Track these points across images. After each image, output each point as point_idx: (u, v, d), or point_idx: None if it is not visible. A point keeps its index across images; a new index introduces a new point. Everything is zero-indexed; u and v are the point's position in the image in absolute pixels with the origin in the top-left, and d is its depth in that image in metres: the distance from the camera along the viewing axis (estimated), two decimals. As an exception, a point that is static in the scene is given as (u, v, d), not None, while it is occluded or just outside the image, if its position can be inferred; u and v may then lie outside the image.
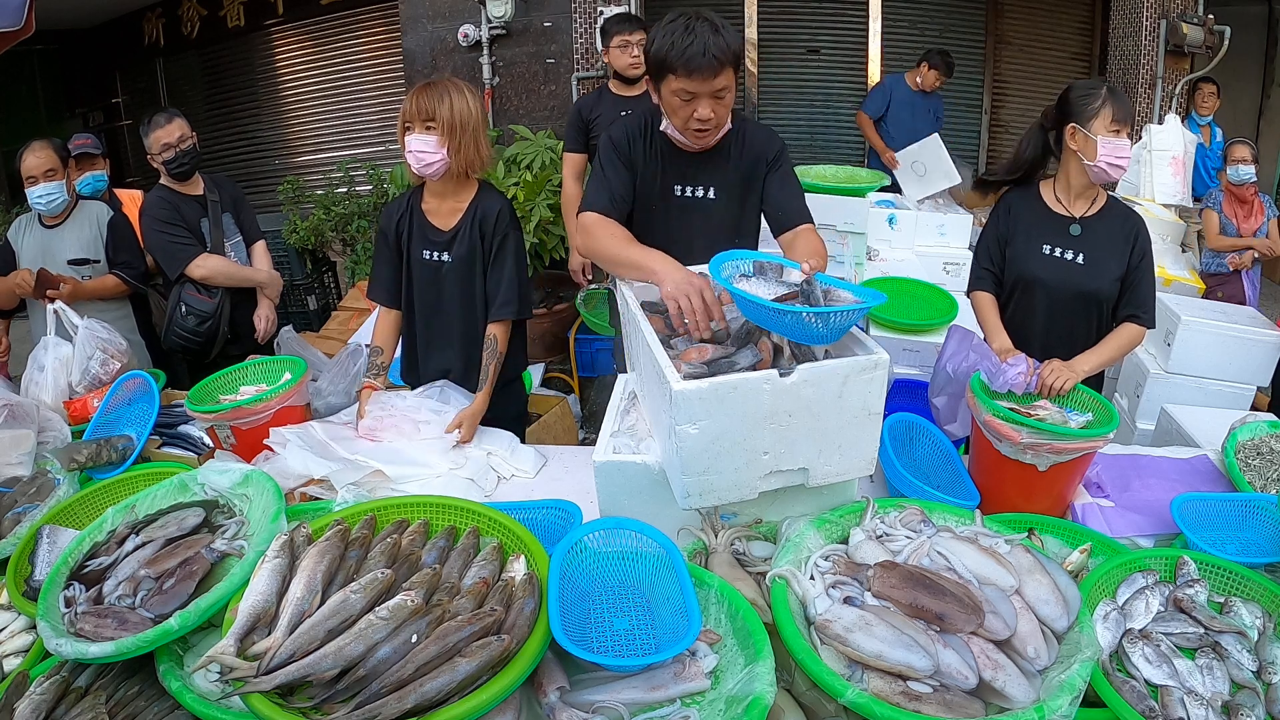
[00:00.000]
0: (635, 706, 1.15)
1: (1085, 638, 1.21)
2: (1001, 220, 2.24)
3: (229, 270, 2.99)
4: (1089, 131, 2.02)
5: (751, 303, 1.45)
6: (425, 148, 2.09)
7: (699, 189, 2.07)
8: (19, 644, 1.44)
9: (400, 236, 2.27)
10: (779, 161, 2.06)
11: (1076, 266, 2.13)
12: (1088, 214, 2.15)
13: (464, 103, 2.11)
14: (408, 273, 2.28)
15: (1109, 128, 2.00)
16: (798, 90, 6.72)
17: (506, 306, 2.23)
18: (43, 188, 2.83)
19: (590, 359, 4.47)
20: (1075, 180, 2.13)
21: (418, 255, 2.25)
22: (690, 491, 1.42)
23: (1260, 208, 4.39)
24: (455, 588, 1.26)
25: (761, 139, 2.06)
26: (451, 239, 2.22)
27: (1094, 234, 2.14)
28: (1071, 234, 2.14)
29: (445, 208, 2.23)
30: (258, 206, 3.57)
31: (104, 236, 2.98)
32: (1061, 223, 2.16)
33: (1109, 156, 2.01)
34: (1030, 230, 2.17)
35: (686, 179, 2.06)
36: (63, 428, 2.19)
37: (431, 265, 2.24)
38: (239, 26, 6.99)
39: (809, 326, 1.40)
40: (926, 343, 3.10)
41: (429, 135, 2.09)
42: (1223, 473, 1.96)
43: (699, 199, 2.07)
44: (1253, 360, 3.08)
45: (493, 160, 2.32)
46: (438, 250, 2.23)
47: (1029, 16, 6.64)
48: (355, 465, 1.90)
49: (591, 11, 5.42)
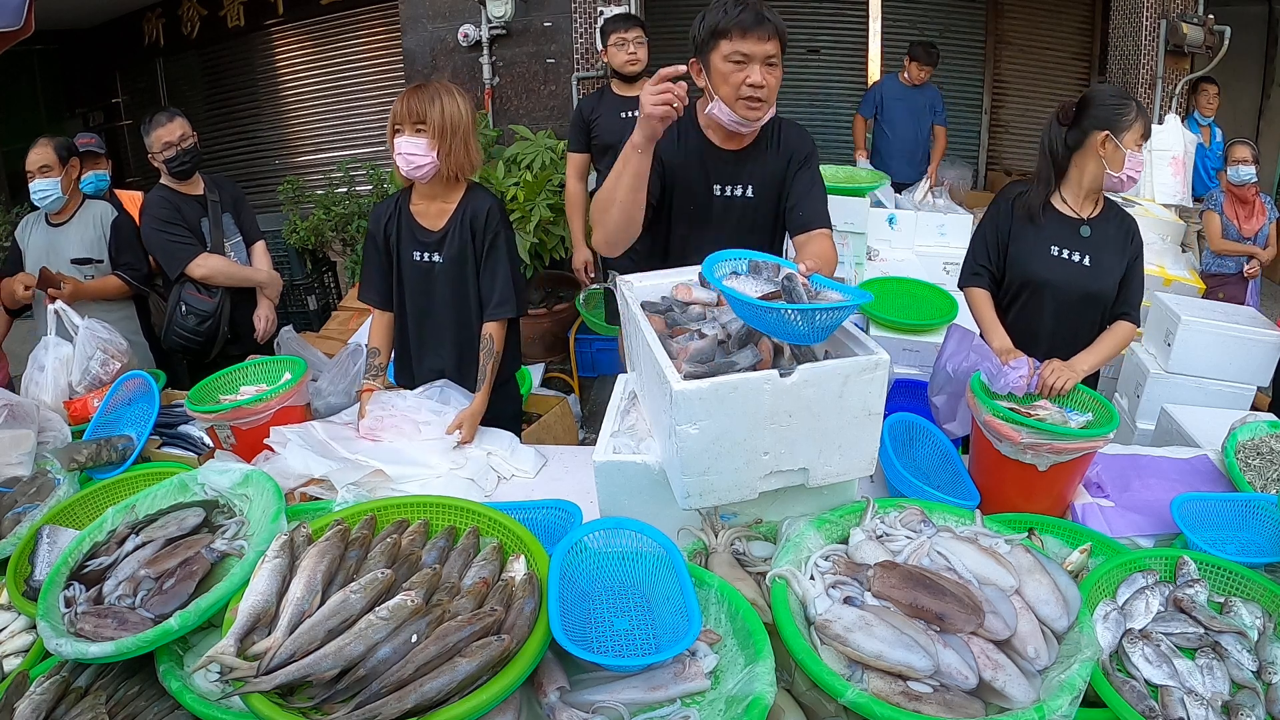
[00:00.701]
0: (635, 706, 1.15)
1: (1085, 638, 1.21)
2: (1002, 219, 2.23)
3: (229, 270, 2.99)
4: (1120, 143, 2.03)
5: (737, 300, 1.45)
6: (415, 150, 2.09)
7: (738, 188, 2.06)
8: (19, 644, 1.44)
9: (389, 238, 2.26)
10: (809, 161, 2.08)
11: (1083, 268, 2.13)
12: (1093, 216, 2.16)
13: (455, 106, 2.11)
14: (398, 274, 2.28)
15: (1136, 141, 2.04)
16: (798, 90, 6.72)
17: (503, 306, 2.22)
18: (38, 183, 2.85)
19: (590, 359, 4.47)
20: (1089, 183, 2.13)
21: (408, 257, 2.25)
22: (690, 492, 1.42)
23: (1261, 208, 4.38)
24: (455, 588, 1.26)
25: (796, 136, 2.09)
26: (442, 239, 2.22)
27: (1099, 236, 2.15)
28: (1081, 236, 2.14)
29: (434, 209, 2.23)
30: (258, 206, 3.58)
31: (107, 237, 2.98)
32: (1071, 225, 2.16)
33: (1132, 169, 2.05)
34: (1039, 231, 2.17)
35: (725, 178, 2.05)
36: (63, 428, 2.19)
37: (422, 267, 2.24)
38: (239, 26, 6.99)
39: (792, 324, 1.39)
40: (926, 343, 3.10)
41: (419, 138, 2.08)
42: (1223, 473, 1.96)
43: (738, 198, 2.07)
44: (1253, 360, 3.08)
45: (482, 163, 2.33)
46: (428, 251, 2.23)
47: (1029, 16, 6.65)
48: (355, 465, 1.90)
49: (591, 11, 5.42)
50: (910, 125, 5.32)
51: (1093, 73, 6.55)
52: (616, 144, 3.49)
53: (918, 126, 5.33)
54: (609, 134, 3.49)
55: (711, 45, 1.88)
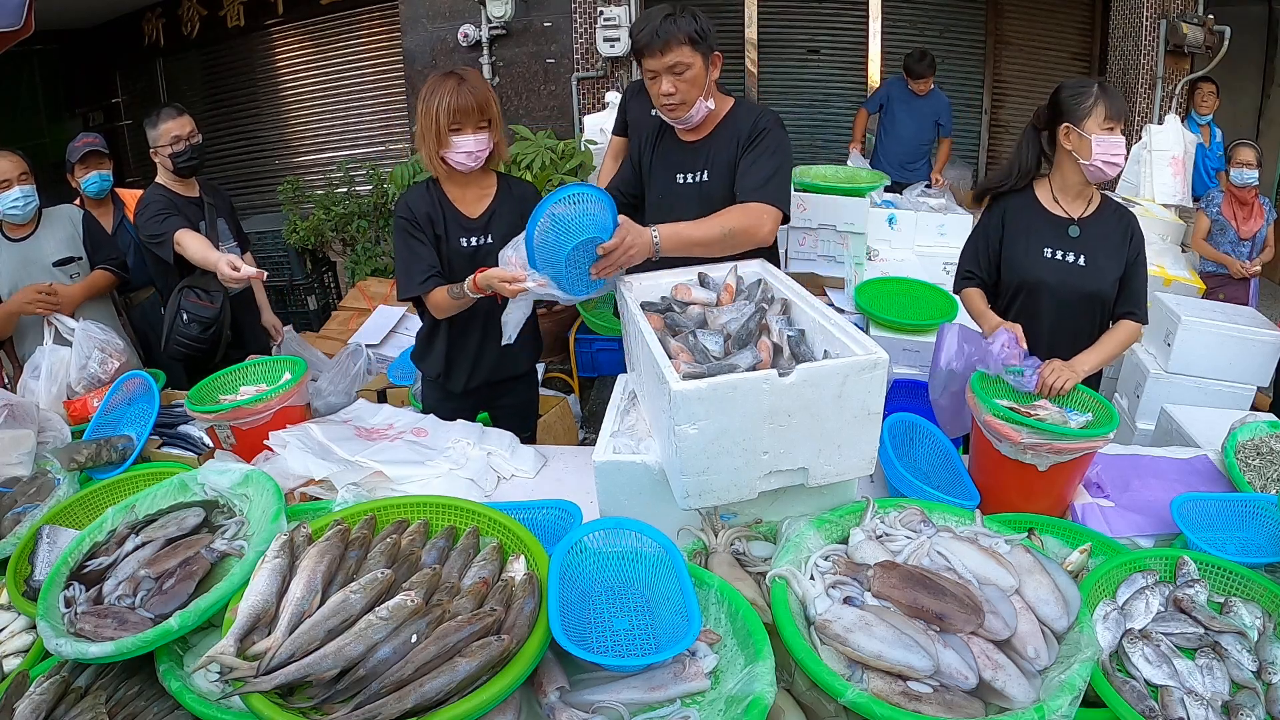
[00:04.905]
0: (635, 706, 1.15)
1: (1085, 638, 1.21)
2: (994, 225, 2.23)
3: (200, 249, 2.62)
4: (1083, 131, 2.02)
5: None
6: (480, 146, 2.11)
7: (695, 174, 2.22)
8: (19, 644, 1.44)
9: (434, 225, 2.23)
10: (757, 138, 2.14)
11: (1078, 269, 2.13)
12: (1085, 214, 2.15)
13: (491, 90, 2.18)
14: (446, 263, 2.24)
15: (1102, 126, 2.01)
16: (797, 90, 6.73)
17: None
18: (19, 190, 2.78)
19: (590, 359, 4.46)
20: (1071, 180, 2.13)
21: (455, 244, 2.23)
22: (689, 491, 1.42)
23: (1260, 210, 4.38)
24: (455, 588, 1.26)
25: (744, 117, 2.19)
26: (488, 222, 2.24)
27: (1092, 235, 2.14)
28: (1071, 236, 2.14)
29: (470, 194, 2.25)
30: (257, 207, 3.59)
31: (80, 233, 2.98)
32: (1060, 225, 2.15)
33: (1104, 155, 2.01)
34: (1030, 234, 2.17)
35: (685, 167, 2.23)
36: (63, 428, 2.19)
37: (469, 251, 2.23)
38: (239, 26, 6.99)
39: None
40: (926, 343, 3.10)
41: (482, 134, 2.11)
42: (1223, 473, 1.96)
43: (695, 183, 2.22)
44: (1253, 360, 3.08)
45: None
46: (476, 235, 2.24)
47: (1029, 16, 6.64)
48: (355, 466, 1.90)
49: (591, 11, 5.42)
50: (911, 130, 5.31)
51: (1093, 73, 6.54)
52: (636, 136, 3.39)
53: (918, 132, 5.32)
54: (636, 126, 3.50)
55: (638, 63, 2.11)
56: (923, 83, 5.18)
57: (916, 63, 5.15)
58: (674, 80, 2.05)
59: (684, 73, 2.04)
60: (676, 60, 2.02)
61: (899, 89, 5.34)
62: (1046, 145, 2.16)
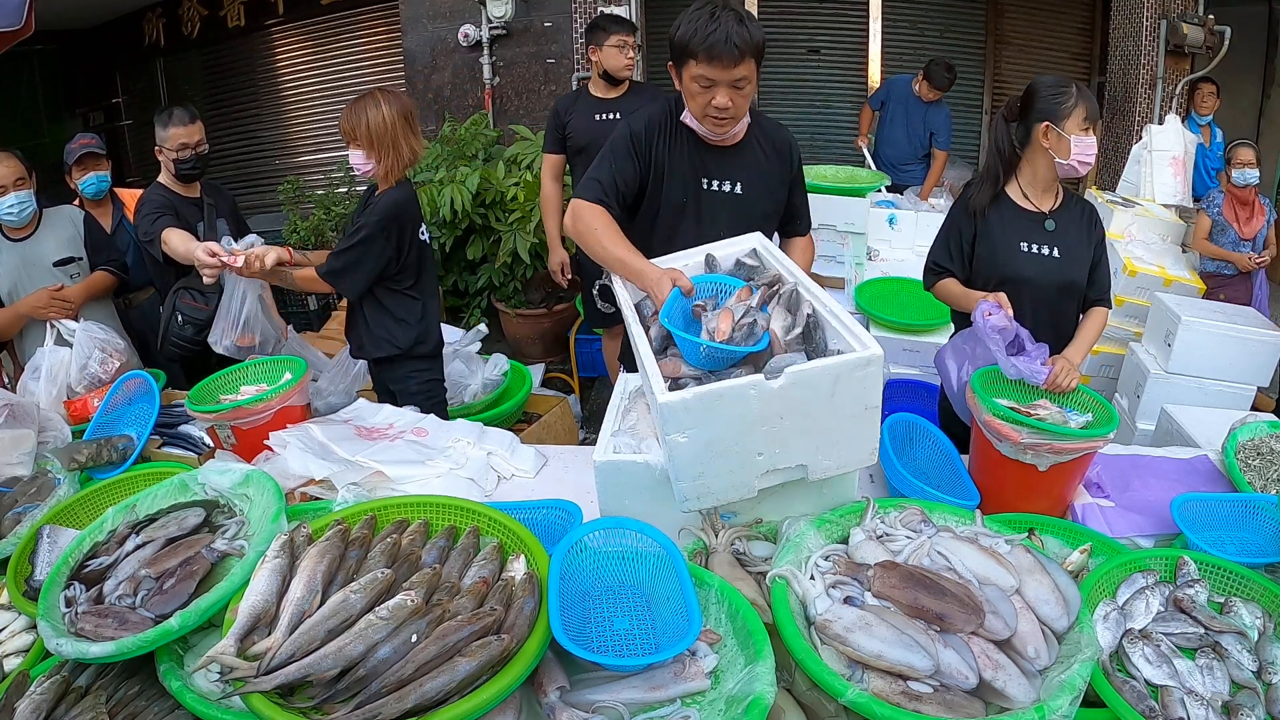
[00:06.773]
0: (635, 706, 1.15)
1: (1085, 638, 1.21)
2: (965, 222, 2.21)
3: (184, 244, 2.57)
4: (1062, 130, 2.04)
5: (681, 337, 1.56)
6: (357, 161, 2.40)
7: (726, 183, 2.09)
8: (19, 644, 1.44)
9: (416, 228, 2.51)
10: (798, 170, 2.18)
11: (1055, 261, 2.16)
12: (1054, 208, 2.19)
13: (379, 115, 2.33)
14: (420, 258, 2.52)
15: (1081, 126, 2.04)
16: (797, 90, 6.72)
17: None
18: (14, 196, 2.77)
19: (590, 359, 4.47)
20: (1042, 176, 2.15)
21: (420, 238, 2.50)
22: (688, 495, 1.43)
23: (1260, 210, 4.38)
24: (455, 587, 1.26)
25: (783, 138, 2.16)
26: None
27: (1063, 227, 2.18)
28: (1046, 229, 2.17)
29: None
30: (258, 206, 3.59)
31: (81, 234, 2.98)
32: (1034, 219, 2.18)
33: (1080, 154, 2.05)
34: (1005, 230, 2.18)
35: (714, 173, 2.08)
36: (63, 428, 2.19)
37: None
38: (239, 26, 6.98)
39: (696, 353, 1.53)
40: (926, 343, 3.11)
41: (355, 150, 2.38)
42: (1223, 473, 1.96)
43: (726, 193, 2.09)
44: (1253, 360, 3.08)
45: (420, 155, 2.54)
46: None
47: (1029, 16, 6.64)
48: (355, 466, 1.90)
49: (591, 12, 5.42)
50: (903, 131, 5.28)
51: (1093, 73, 6.55)
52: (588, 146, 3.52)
53: (909, 136, 5.27)
54: (581, 135, 3.46)
55: (682, 61, 1.88)
56: (934, 93, 5.13)
57: (942, 72, 5.06)
58: (733, 94, 1.87)
59: (744, 87, 1.88)
60: (744, 74, 1.84)
61: (901, 89, 5.32)
62: (1017, 139, 2.16)
